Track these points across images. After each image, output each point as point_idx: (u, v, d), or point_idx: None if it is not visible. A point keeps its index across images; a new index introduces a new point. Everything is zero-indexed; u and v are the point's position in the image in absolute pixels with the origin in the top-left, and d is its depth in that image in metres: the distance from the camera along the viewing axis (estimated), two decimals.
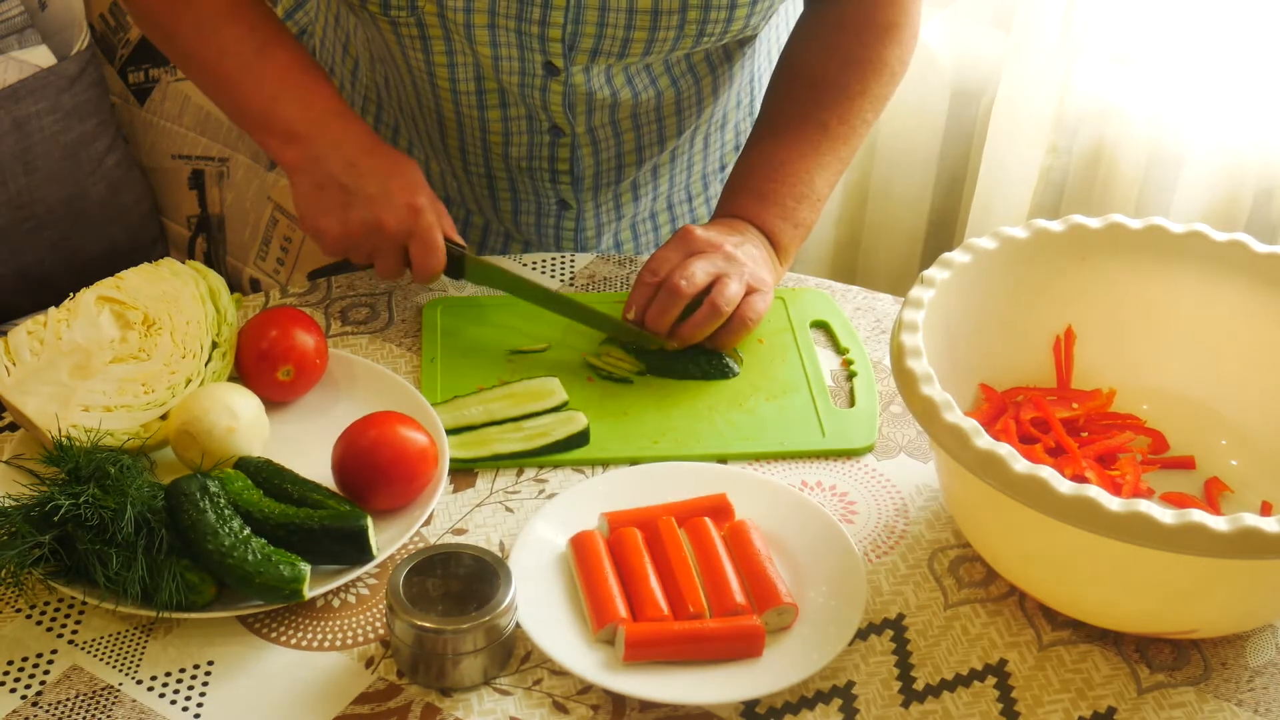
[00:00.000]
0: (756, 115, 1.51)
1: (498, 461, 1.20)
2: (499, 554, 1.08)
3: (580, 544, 1.10)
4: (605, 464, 1.21)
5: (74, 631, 1.06)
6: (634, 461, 1.20)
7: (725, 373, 1.29)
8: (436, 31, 1.30)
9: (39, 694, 1.02)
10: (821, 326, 1.36)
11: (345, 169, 1.26)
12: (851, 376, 1.29)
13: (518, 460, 1.20)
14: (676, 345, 1.29)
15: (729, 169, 1.56)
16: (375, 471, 1.11)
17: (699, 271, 1.26)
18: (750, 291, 1.28)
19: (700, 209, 1.58)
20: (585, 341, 1.32)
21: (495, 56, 1.30)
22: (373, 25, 1.34)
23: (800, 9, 1.44)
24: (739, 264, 1.29)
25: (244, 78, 1.30)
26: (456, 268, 1.32)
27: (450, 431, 1.21)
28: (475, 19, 1.27)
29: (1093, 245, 1.19)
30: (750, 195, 1.36)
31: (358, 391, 1.25)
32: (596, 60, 1.31)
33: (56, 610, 1.08)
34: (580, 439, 1.22)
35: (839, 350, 1.33)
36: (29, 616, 1.07)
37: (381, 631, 1.06)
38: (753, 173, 1.37)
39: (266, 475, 1.11)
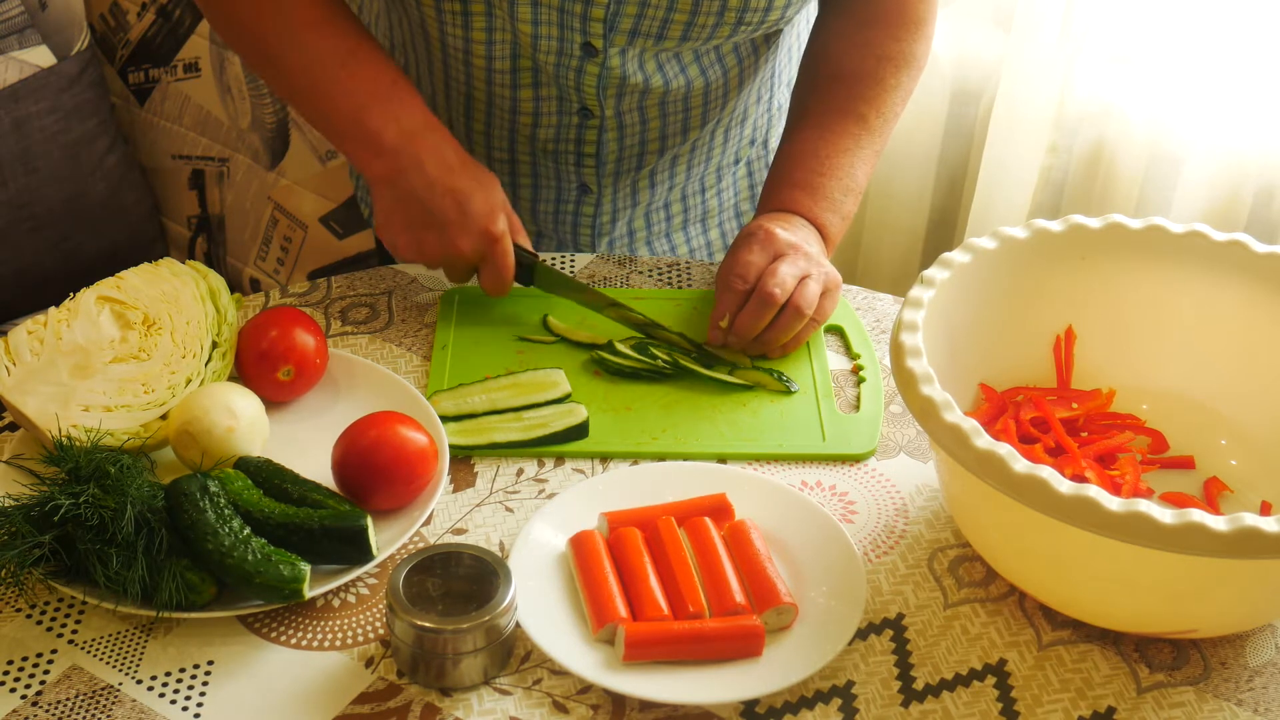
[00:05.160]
0: (779, 110, 1.52)
1: (495, 450, 1.20)
2: (499, 554, 1.08)
3: (580, 544, 1.10)
4: (603, 457, 1.21)
5: (74, 631, 1.06)
6: (631, 456, 1.21)
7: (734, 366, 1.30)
8: (479, 7, 1.32)
9: (39, 694, 1.02)
10: (836, 331, 1.36)
11: (427, 187, 1.28)
12: (860, 382, 1.29)
13: (515, 450, 1.20)
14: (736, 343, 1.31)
15: (743, 163, 1.57)
16: (375, 471, 1.11)
17: (788, 277, 1.28)
18: (824, 293, 1.30)
19: (712, 201, 1.59)
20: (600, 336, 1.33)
21: (535, 35, 1.32)
22: (412, 2, 1.35)
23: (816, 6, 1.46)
24: (818, 264, 1.31)
25: (332, 87, 1.30)
26: (526, 275, 1.34)
27: (452, 419, 1.21)
28: None
29: (1093, 245, 1.19)
30: (799, 189, 1.37)
31: (358, 391, 1.25)
32: (634, 42, 1.32)
33: (56, 610, 1.08)
34: (579, 431, 1.22)
35: (850, 355, 1.33)
36: (29, 616, 1.07)
37: (381, 631, 1.06)
38: (798, 166, 1.38)
39: (266, 475, 1.11)
